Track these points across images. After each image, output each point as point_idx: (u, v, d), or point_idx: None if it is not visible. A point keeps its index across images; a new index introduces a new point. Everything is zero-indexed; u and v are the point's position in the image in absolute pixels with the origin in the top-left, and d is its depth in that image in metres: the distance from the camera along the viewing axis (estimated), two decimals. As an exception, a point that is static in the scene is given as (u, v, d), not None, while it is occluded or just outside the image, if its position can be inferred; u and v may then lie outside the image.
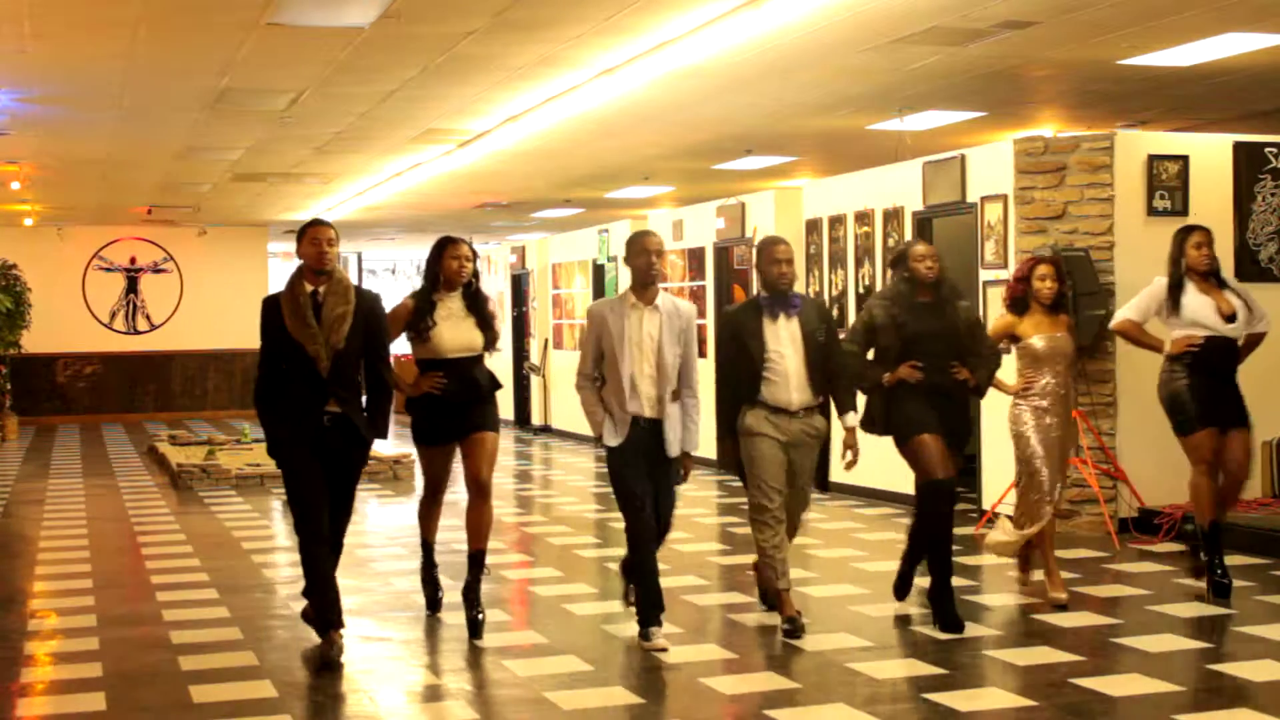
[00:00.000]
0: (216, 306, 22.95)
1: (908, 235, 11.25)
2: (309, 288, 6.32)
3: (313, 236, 6.37)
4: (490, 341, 6.92)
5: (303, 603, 7.86)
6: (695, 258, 15.13)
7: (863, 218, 11.87)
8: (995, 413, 9.81)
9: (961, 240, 10.70)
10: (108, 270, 22.76)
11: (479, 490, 6.86)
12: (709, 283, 14.80)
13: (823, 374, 6.71)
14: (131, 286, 22.88)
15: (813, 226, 12.62)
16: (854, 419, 6.83)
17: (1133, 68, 9.36)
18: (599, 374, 6.58)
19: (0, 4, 7.63)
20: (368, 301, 6.42)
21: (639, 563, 6.51)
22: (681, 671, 6.14)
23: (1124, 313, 7.89)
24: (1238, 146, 10.15)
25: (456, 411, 6.82)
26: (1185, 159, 9.95)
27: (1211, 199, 9.95)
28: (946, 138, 12.05)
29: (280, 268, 27.88)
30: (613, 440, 6.49)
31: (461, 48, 8.62)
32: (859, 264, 11.89)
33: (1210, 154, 10.09)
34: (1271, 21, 8.26)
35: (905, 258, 7.01)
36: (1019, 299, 7.45)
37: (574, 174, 15.25)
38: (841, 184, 12.51)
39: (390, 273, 35.45)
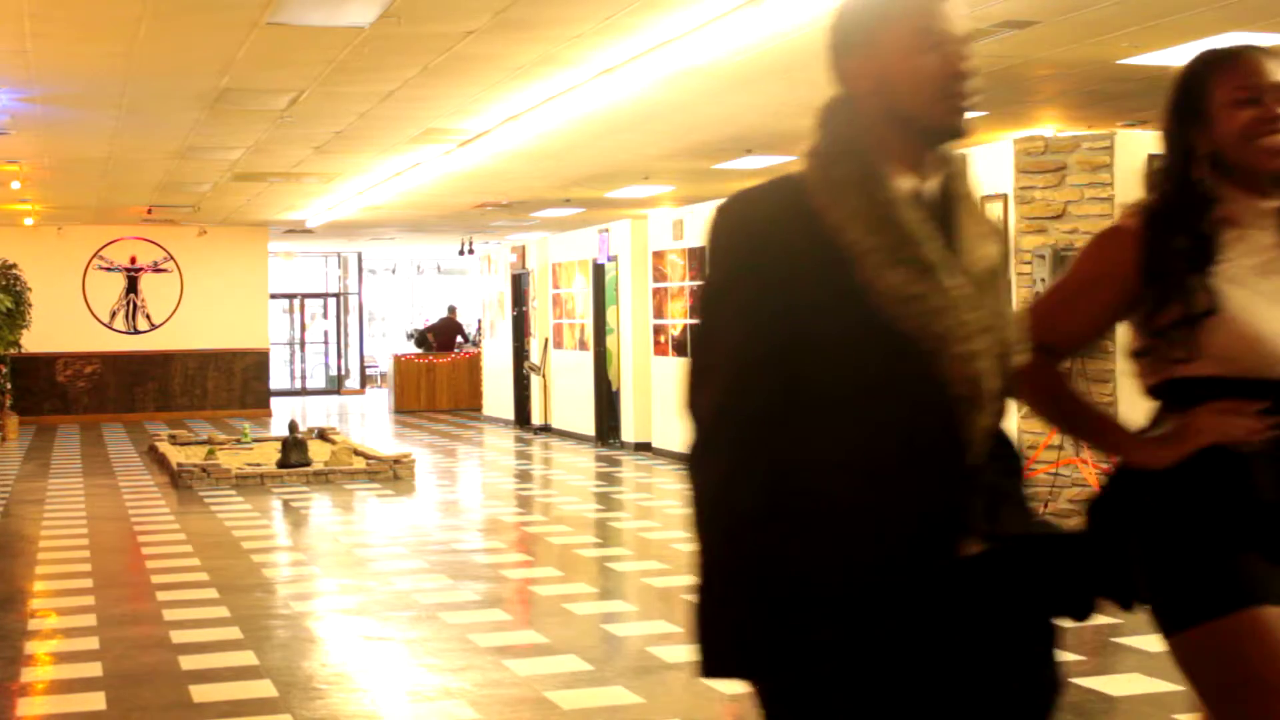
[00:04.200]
0: (216, 306, 22.97)
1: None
2: (905, 182, 2.20)
3: (935, 34, 2.17)
4: None
5: (304, 601, 7.84)
6: (695, 258, 15.13)
7: (863, 218, 11.86)
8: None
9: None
10: (108, 270, 22.76)
11: None
12: (709, 283, 14.79)
13: None
14: (131, 286, 22.87)
15: (813, 226, 12.60)
16: None
17: (1133, 68, 9.35)
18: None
19: (0, 4, 7.63)
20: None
21: None
22: (681, 671, 6.14)
23: None
24: (1238, 146, 10.15)
25: None
26: (1185, 159, 9.94)
27: (1211, 199, 9.95)
28: (946, 138, 12.05)
29: (280, 267, 27.82)
30: None
31: (461, 48, 8.62)
32: (859, 264, 11.89)
33: (1210, 154, 10.09)
34: (1271, 21, 8.26)
35: None
36: None
37: (574, 174, 15.24)
38: (841, 184, 12.51)
39: (390, 273, 35.34)
